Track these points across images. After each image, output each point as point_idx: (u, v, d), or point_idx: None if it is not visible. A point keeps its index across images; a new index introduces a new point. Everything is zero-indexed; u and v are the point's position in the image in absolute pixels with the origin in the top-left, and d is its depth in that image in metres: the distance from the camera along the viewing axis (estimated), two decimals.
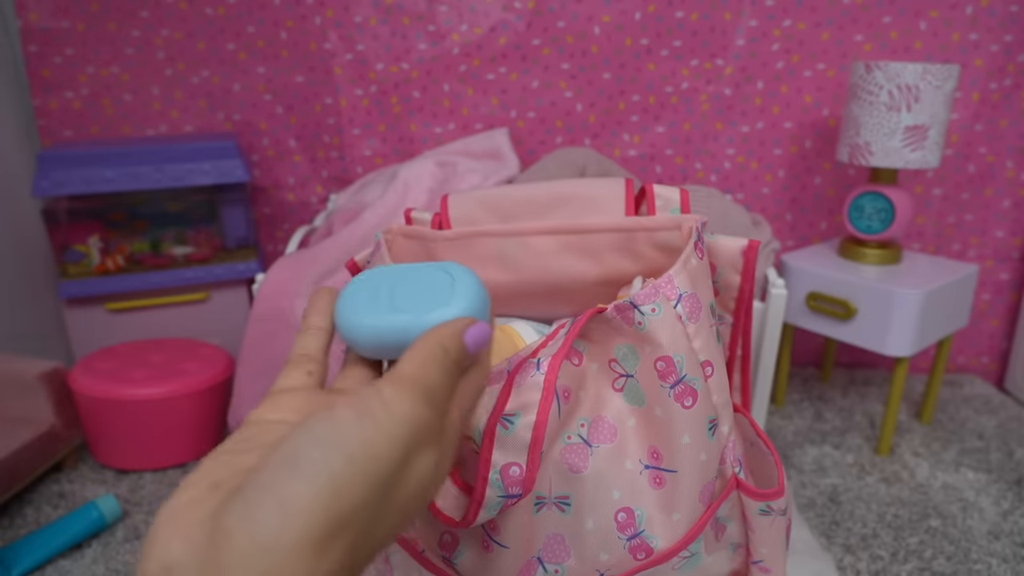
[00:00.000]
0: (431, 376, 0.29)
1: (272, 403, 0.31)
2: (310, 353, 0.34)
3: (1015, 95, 1.22)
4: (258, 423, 0.29)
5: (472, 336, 0.32)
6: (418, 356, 0.30)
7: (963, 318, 1.15)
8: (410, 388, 0.28)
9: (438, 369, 0.30)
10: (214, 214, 1.26)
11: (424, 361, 0.29)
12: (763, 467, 0.55)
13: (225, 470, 0.26)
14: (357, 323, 0.34)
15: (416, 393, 0.28)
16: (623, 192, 0.62)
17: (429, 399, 0.28)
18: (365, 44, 1.26)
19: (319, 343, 0.35)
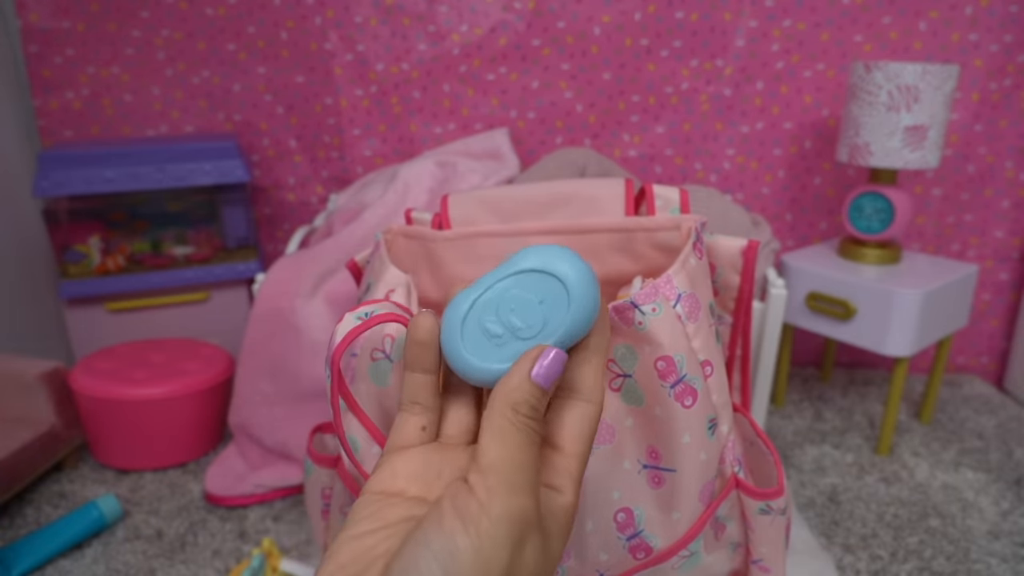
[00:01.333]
0: (513, 452, 0.28)
1: (389, 468, 0.32)
2: (421, 401, 0.34)
3: (1015, 95, 1.23)
4: (378, 495, 0.31)
5: (542, 373, 0.30)
6: (495, 432, 0.29)
7: (963, 318, 1.15)
8: (497, 481, 0.27)
9: (517, 436, 0.29)
10: (214, 214, 1.26)
11: (501, 436, 0.29)
12: (763, 467, 0.55)
13: (350, 554, 0.28)
14: (470, 367, 0.32)
15: (504, 485, 0.27)
16: (623, 192, 0.62)
17: (520, 484, 0.28)
18: (365, 44, 1.26)
19: (429, 387, 0.34)
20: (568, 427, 0.31)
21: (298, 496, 1.00)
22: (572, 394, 0.32)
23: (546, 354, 0.30)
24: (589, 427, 0.32)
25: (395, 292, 0.58)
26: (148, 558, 0.88)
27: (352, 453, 0.51)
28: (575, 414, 0.32)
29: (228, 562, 0.87)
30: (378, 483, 0.31)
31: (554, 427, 0.32)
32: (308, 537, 0.92)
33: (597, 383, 0.32)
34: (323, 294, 0.98)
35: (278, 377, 0.98)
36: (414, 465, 0.32)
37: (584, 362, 0.32)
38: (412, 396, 0.34)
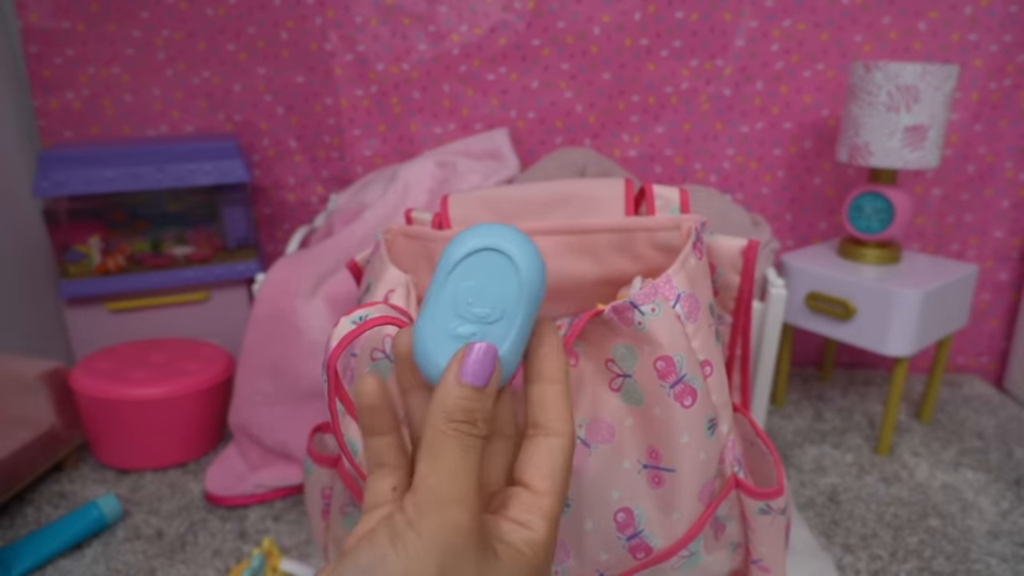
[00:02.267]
0: (444, 464, 0.27)
1: (364, 524, 0.31)
2: (387, 462, 0.32)
3: (1015, 95, 1.23)
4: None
5: (469, 371, 0.28)
6: (426, 446, 0.28)
7: (962, 318, 1.15)
8: (426, 496, 0.27)
9: (449, 447, 0.28)
10: (214, 214, 1.26)
11: (431, 449, 0.28)
12: (762, 467, 0.55)
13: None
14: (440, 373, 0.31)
15: (432, 499, 0.27)
16: (623, 192, 0.62)
17: (451, 497, 0.27)
18: (365, 44, 1.26)
19: (391, 448, 0.32)
20: (536, 464, 0.30)
21: (298, 496, 1.00)
22: (536, 430, 0.31)
23: (469, 351, 0.29)
24: (559, 461, 0.30)
25: (395, 292, 0.58)
26: (148, 558, 0.88)
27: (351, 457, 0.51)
28: (541, 450, 0.30)
29: (228, 562, 0.87)
30: (355, 541, 0.31)
31: (522, 465, 0.31)
32: (308, 537, 0.92)
33: (559, 412, 0.31)
34: (323, 294, 0.98)
35: (278, 377, 0.98)
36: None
37: (542, 394, 0.31)
38: (377, 459, 0.32)
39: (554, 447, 0.30)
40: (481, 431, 0.29)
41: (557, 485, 0.30)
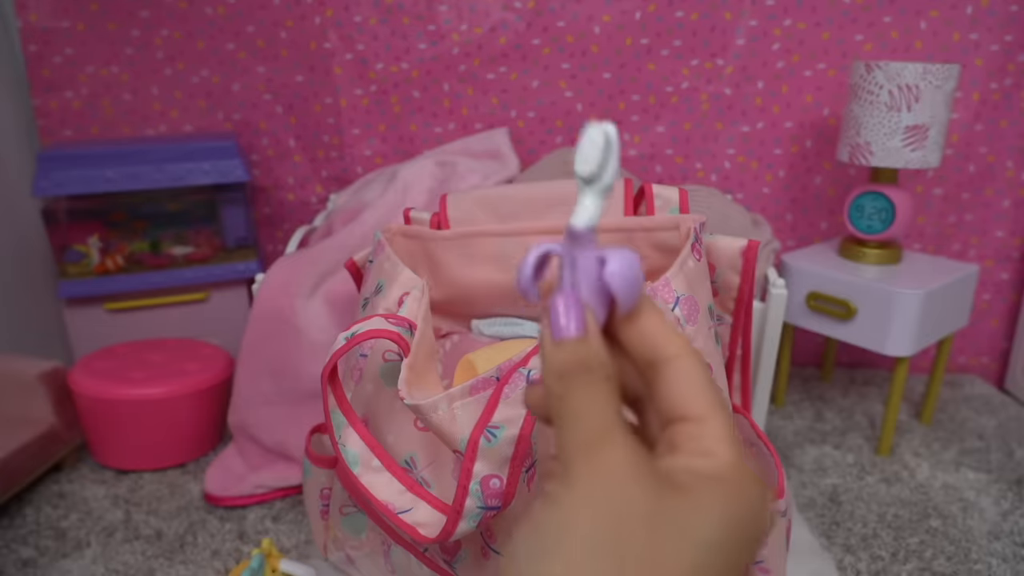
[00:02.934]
0: (575, 412, 0.25)
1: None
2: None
3: (1015, 95, 1.22)
4: None
5: (561, 326, 0.26)
6: (556, 413, 0.26)
7: (963, 318, 1.15)
8: (569, 452, 0.25)
9: (574, 398, 0.25)
10: (214, 214, 1.26)
11: (560, 410, 0.25)
12: (763, 468, 0.55)
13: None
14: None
15: (576, 449, 0.24)
16: (622, 192, 0.62)
17: (594, 437, 0.24)
18: (365, 44, 1.26)
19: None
20: (675, 395, 0.26)
21: (298, 496, 1.00)
22: (652, 366, 0.27)
23: (554, 308, 0.26)
24: (697, 379, 0.26)
25: (410, 295, 0.58)
26: (147, 558, 0.88)
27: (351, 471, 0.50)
28: (672, 378, 0.26)
29: (228, 562, 0.87)
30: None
31: (662, 405, 0.27)
32: (308, 537, 0.92)
33: (667, 337, 0.27)
34: (323, 294, 0.98)
35: (278, 377, 0.97)
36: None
37: (640, 331, 0.28)
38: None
39: (681, 368, 0.27)
40: (600, 373, 0.26)
41: (712, 400, 0.26)
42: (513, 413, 0.44)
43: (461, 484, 0.44)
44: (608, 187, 0.27)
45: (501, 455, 0.44)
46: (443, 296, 0.70)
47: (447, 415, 0.45)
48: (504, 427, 0.44)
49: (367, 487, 0.50)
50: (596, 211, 0.27)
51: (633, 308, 0.27)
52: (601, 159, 0.27)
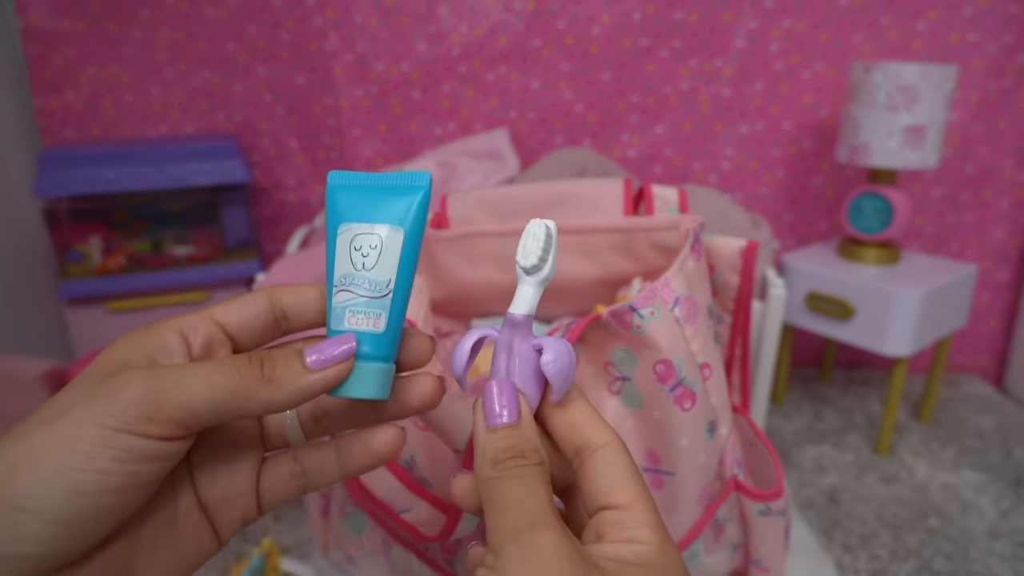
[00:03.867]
0: (509, 499, 0.25)
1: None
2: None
3: (1014, 95, 1.23)
4: None
5: (495, 412, 0.26)
6: (486, 497, 0.25)
7: (962, 318, 1.16)
8: (500, 538, 0.24)
9: (508, 485, 0.25)
10: (215, 214, 1.26)
11: (492, 495, 0.25)
12: (762, 467, 0.55)
13: None
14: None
15: (508, 535, 0.24)
16: (621, 192, 0.62)
17: (527, 523, 0.24)
18: (365, 45, 1.26)
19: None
20: (603, 482, 0.26)
21: None
22: (581, 453, 0.27)
23: (489, 394, 0.27)
24: (623, 466, 0.27)
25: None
26: None
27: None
28: (600, 466, 0.27)
29: (228, 562, 0.87)
30: None
31: (590, 491, 0.27)
32: (308, 537, 0.92)
33: (594, 425, 0.28)
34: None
35: None
36: None
37: (570, 420, 0.28)
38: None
39: (609, 456, 0.27)
40: (533, 459, 0.26)
41: (639, 489, 0.26)
42: None
43: None
44: (547, 279, 0.28)
45: None
46: (443, 296, 0.70)
47: (447, 414, 0.46)
48: None
49: (367, 486, 0.50)
50: (535, 300, 0.28)
51: (564, 397, 0.28)
52: (542, 252, 0.28)
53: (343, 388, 0.26)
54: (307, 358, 0.26)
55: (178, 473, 0.27)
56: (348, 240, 0.27)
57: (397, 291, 0.27)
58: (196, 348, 0.26)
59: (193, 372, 0.24)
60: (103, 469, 0.22)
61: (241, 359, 0.25)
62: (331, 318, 0.27)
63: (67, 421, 0.22)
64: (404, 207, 0.27)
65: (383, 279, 0.27)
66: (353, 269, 0.27)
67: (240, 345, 0.28)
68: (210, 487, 0.28)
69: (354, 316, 0.27)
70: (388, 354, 0.27)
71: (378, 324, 0.27)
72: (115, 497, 0.22)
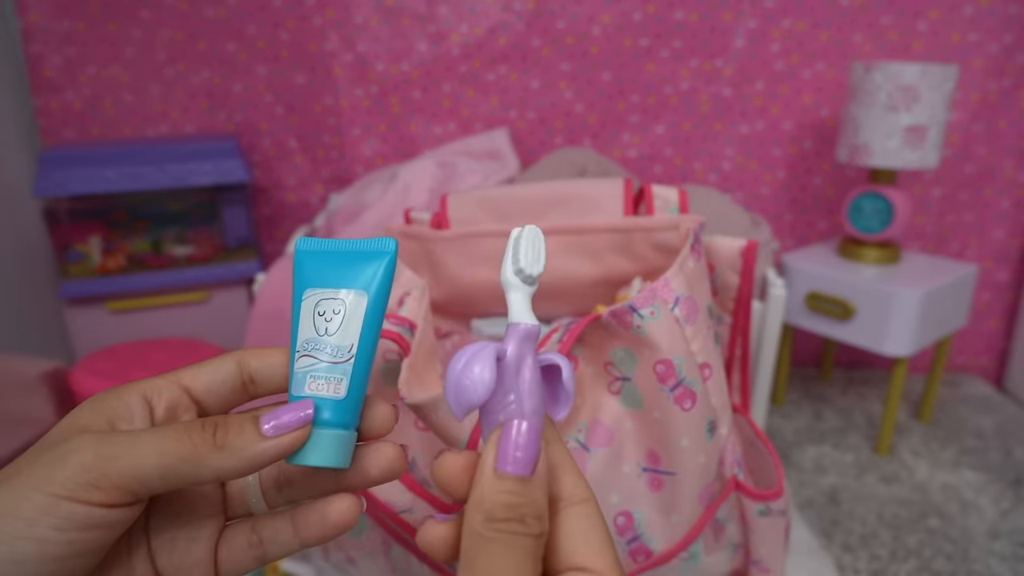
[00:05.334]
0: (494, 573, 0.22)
1: None
2: None
3: (1014, 95, 1.23)
4: None
5: (511, 458, 0.23)
6: (468, 554, 0.23)
7: (962, 318, 1.16)
8: None
9: (498, 552, 0.22)
10: (215, 214, 1.26)
11: (475, 556, 0.23)
12: (762, 467, 0.55)
13: None
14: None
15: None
16: (621, 192, 0.62)
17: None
18: (365, 45, 1.26)
19: None
20: (578, 541, 0.24)
21: None
22: (558, 504, 0.25)
23: (508, 431, 0.23)
24: (601, 528, 0.25)
25: (410, 295, 0.58)
26: None
27: None
28: (578, 523, 0.24)
29: None
30: None
31: (564, 548, 0.24)
32: None
33: (574, 477, 0.25)
34: None
35: None
36: None
37: (546, 454, 0.25)
38: None
39: (590, 513, 0.25)
40: (533, 528, 0.23)
41: (614, 557, 0.24)
42: None
43: None
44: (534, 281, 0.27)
45: None
46: (443, 296, 0.70)
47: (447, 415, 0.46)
48: None
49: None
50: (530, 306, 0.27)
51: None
52: (537, 256, 0.27)
53: (301, 456, 0.26)
54: (263, 425, 0.25)
55: (134, 539, 0.26)
56: (312, 305, 0.27)
57: (360, 356, 0.27)
58: (159, 412, 0.26)
59: (143, 438, 0.24)
60: (43, 537, 0.21)
61: (194, 425, 0.25)
62: (292, 383, 0.27)
63: (11, 487, 0.22)
64: (370, 272, 0.27)
65: (346, 344, 0.26)
66: (316, 334, 0.27)
67: (207, 409, 0.28)
68: (168, 555, 0.27)
69: (315, 381, 0.26)
70: (349, 421, 0.27)
71: (339, 390, 0.26)
72: (55, 566, 0.22)
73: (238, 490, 0.29)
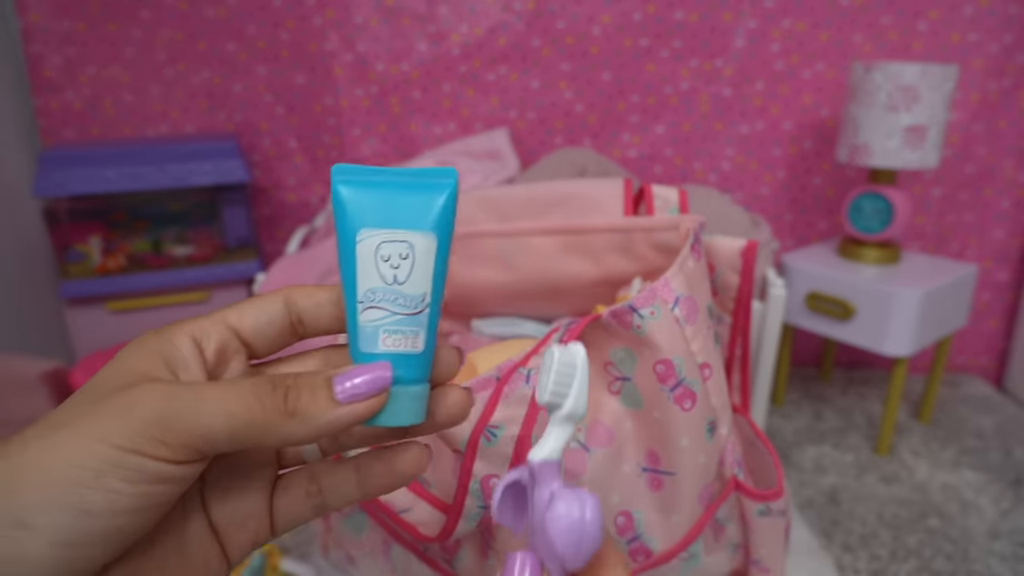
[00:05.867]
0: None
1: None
2: None
3: (1014, 95, 1.23)
4: None
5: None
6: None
7: (962, 318, 1.16)
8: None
9: None
10: (215, 214, 1.26)
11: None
12: (762, 467, 0.55)
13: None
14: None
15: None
16: (621, 192, 0.62)
17: None
18: (365, 45, 1.26)
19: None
20: None
21: None
22: None
23: (510, 563, 0.23)
24: None
25: None
26: None
27: None
28: None
29: None
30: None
31: None
32: (308, 537, 0.92)
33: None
34: None
35: None
36: None
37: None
38: None
39: None
40: None
41: None
42: (513, 413, 0.44)
43: (461, 483, 0.44)
44: (575, 415, 0.24)
45: (501, 454, 0.44)
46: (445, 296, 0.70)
47: None
48: (504, 427, 0.44)
49: None
50: (558, 442, 0.24)
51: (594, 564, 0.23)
52: (555, 386, 0.24)
53: (376, 418, 0.24)
54: (335, 388, 0.23)
55: (188, 492, 0.25)
56: (372, 249, 0.24)
57: (433, 304, 0.24)
58: (209, 355, 0.25)
59: (210, 396, 0.22)
60: (112, 488, 0.21)
61: (264, 385, 0.23)
62: (359, 338, 0.24)
63: (74, 435, 0.21)
64: (434, 208, 0.24)
65: (418, 293, 0.24)
66: (383, 283, 0.24)
67: (255, 351, 0.26)
68: (222, 507, 0.26)
69: (390, 336, 0.24)
70: (423, 375, 0.24)
71: (416, 344, 0.24)
72: (125, 519, 0.21)
73: None
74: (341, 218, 0.25)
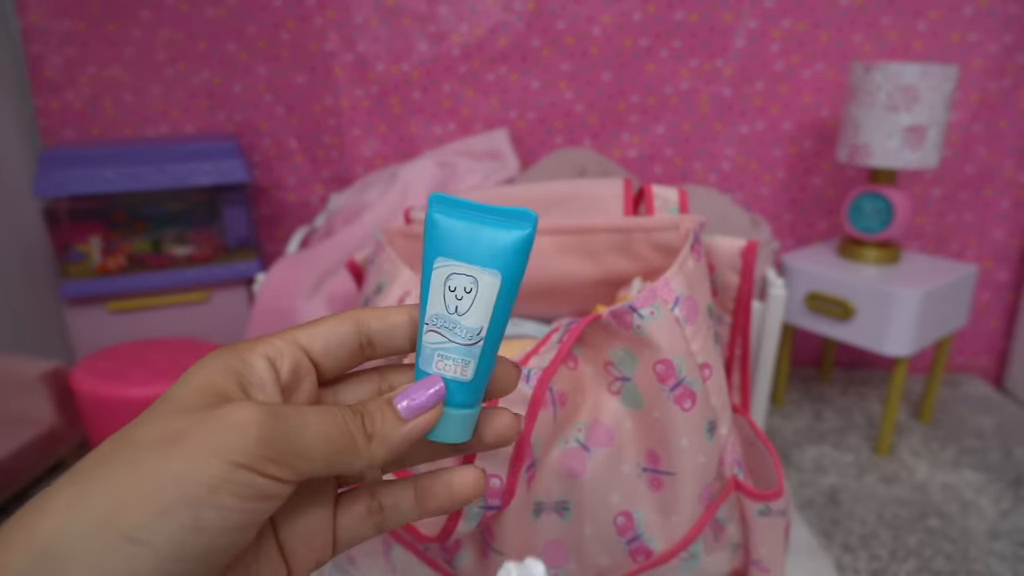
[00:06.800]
0: None
1: None
2: None
3: (1014, 95, 1.23)
4: None
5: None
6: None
7: (962, 318, 1.16)
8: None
9: None
10: (215, 214, 1.26)
11: None
12: (762, 467, 0.55)
13: None
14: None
15: None
16: (621, 192, 0.62)
17: None
18: (366, 45, 1.26)
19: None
20: None
21: None
22: None
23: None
24: None
25: (410, 295, 0.58)
26: None
27: None
28: None
29: None
30: None
31: None
32: None
33: None
34: (324, 294, 0.98)
35: None
36: None
37: None
38: None
39: None
40: None
41: None
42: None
43: None
44: None
45: (501, 455, 0.44)
46: None
47: None
48: None
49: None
50: None
51: None
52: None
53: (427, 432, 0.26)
54: (398, 405, 0.25)
55: None
56: (443, 278, 0.26)
57: (488, 339, 0.26)
58: (283, 376, 0.25)
59: (312, 420, 0.23)
60: (225, 505, 0.20)
61: (347, 412, 0.24)
62: (421, 356, 0.26)
63: (185, 452, 0.21)
64: (506, 249, 0.25)
65: (475, 326, 0.25)
66: (445, 311, 0.25)
67: (323, 372, 0.27)
68: (290, 526, 0.26)
69: (442, 361, 0.26)
70: (473, 401, 0.26)
71: (465, 372, 0.26)
72: (232, 537, 0.21)
73: None
74: (427, 243, 0.26)
